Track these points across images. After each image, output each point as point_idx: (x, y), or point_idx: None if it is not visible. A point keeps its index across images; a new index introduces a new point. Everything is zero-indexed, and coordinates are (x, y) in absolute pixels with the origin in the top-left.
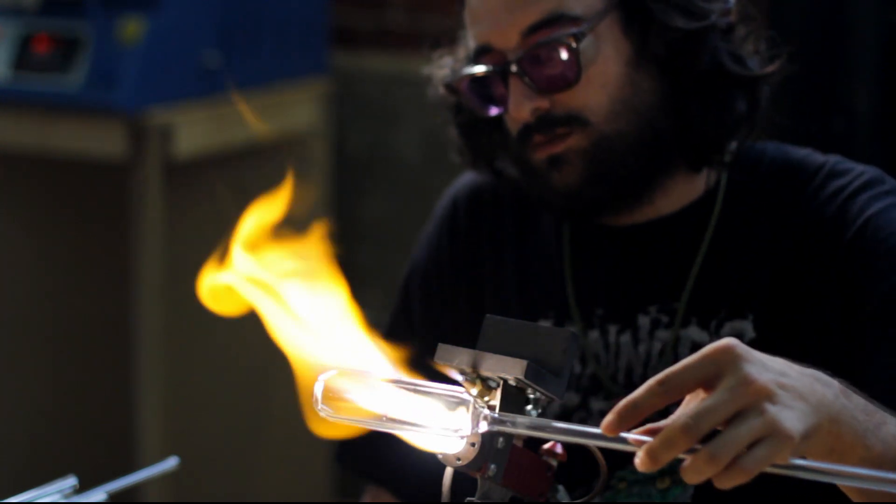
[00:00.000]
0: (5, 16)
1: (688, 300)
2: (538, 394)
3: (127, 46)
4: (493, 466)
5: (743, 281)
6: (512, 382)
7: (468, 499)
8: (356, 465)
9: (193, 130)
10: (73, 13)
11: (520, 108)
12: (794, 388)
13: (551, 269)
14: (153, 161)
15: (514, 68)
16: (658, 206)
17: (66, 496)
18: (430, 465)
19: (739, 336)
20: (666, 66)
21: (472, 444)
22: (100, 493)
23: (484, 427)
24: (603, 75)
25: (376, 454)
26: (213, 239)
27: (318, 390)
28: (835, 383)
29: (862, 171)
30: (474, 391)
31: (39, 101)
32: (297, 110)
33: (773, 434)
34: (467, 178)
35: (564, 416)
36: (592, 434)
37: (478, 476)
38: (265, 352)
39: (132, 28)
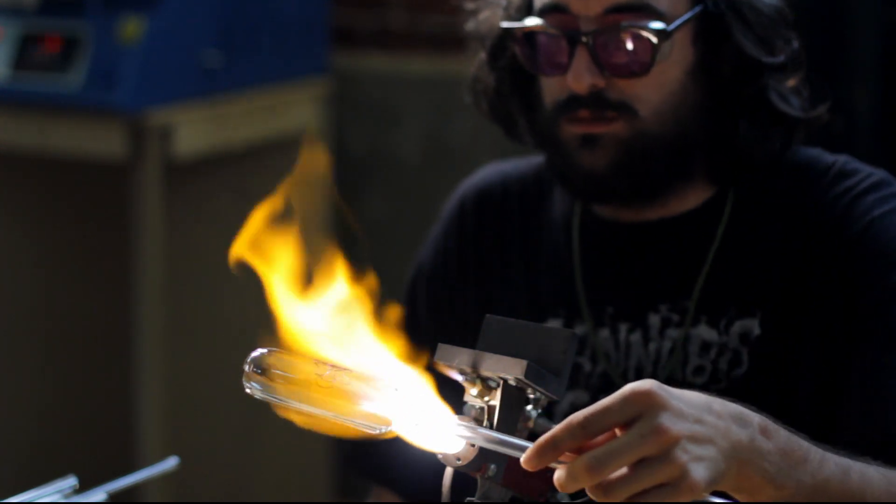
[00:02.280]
0: (5, 16)
1: (698, 299)
2: (538, 394)
3: (127, 46)
4: (493, 466)
5: (752, 279)
6: (512, 382)
7: (468, 499)
8: (364, 468)
9: (193, 130)
10: (73, 13)
11: (580, 78)
12: (705, 437)
13: (561, 267)
14: (153, 161)
15: (585, 39)
16: (670, 207)
17: (66, 496)
18: (435, 466)
19: (748, 334)
20: (719, 85)
21: (472, 444)
22: (100, 493)
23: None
24: (663, 75)
25: (383, 457)
26: (213, 239)
27: (251, 363)
28: (755, 422)
29: (871, 172)
30: (474, 391)
31: (39, 101)
32: (297, 110)
33: (678, 481)
34: (475, 179)
35: (575, 412)
36: (519, 445)
37: (478, 476)
38: None
39: (132, 28)
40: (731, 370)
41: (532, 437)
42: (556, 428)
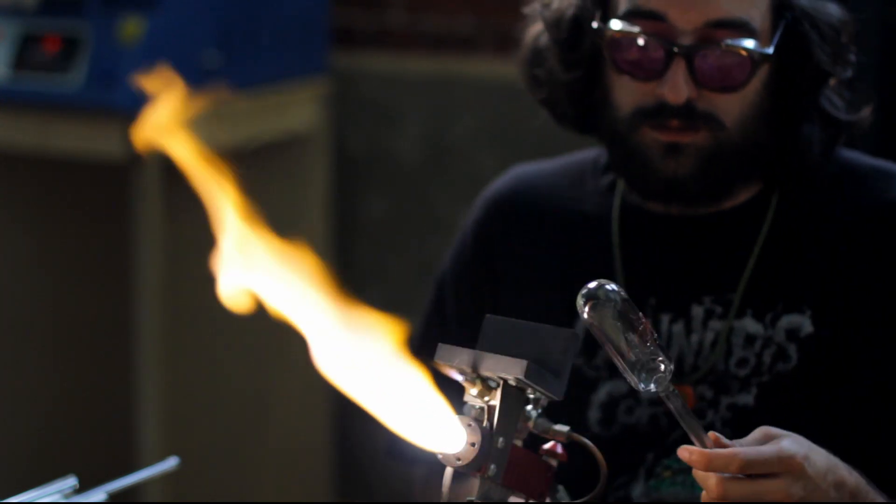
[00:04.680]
0: (5, 16)
1: (744, 292)
2: (538, 394)
3: (127, 46)
4: (493, 466)
5: (801, 276)
6: (512, 382)
7: (468, 499)
8: (407, 454)
9: (193, 130)
10: (73, 13)
11: (679, 91)
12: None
13: (599, 260)
14: (153, 161)
15: (683, 51)
16: (721, 202)
17: (66, 496)
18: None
19: (797, 331)
20: (789, 94)
21: (472, 444)
22: (100, 493)
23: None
24: (748, 89)
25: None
26: (212, 239)
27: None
28: (846, 496)
29: None
30: (474, 391)
31: (39, 101)
32: (297, 110)
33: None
34: (502, 183)
35: (613, 403)
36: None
37: (478, 476)
38: (265, 351)
39: (132, 28)
40: (774, 364)
41: (532, 437)
42: (721, 453)
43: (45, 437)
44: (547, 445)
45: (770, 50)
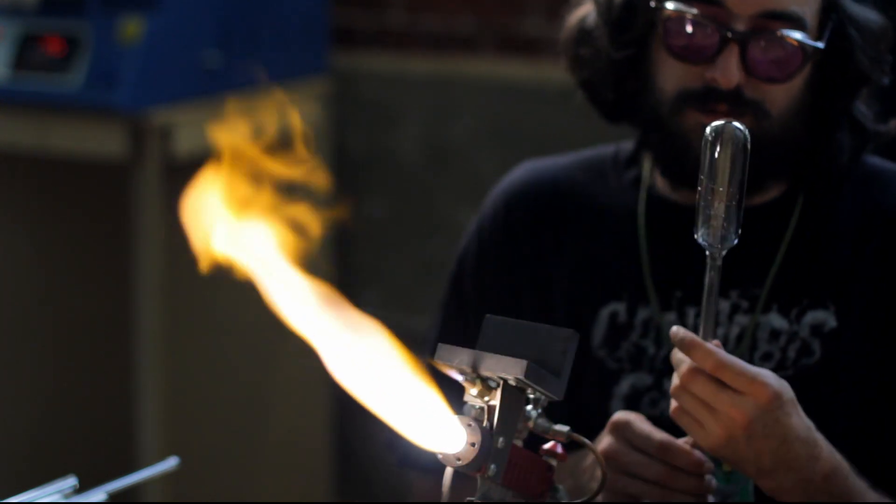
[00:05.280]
0: (5, 16)
1: (770, 287)
2: (538, 394)
3: (127, 46)
4: (493, 466)
5: (826, 273)
6: (512, 382)
7: (468, 498)
8: (419, 462)
9: (193, 130)
10: (73, 13)
11: (730, 75)
12: (762, 446)
13: (624, 252)
14: (153, 161)
15: (738, 37)
16: (752, 198)
17: (66, 496)
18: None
19: (821, 326)
20: (827, 95)
21: (472, 444)
22: (100, 493)
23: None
24: (795, 83)
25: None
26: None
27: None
28: (825, 468)
29: None
30: (474, 391)
31: (39, 101)
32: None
33: (708, 426)
34: (517, 176)
35: (636, 396)
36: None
37: (478, 476)
38: (265, 351)
39: (132, 28)
40: (798, 359)
41: (532, 437)
42: (704, 344)
43: (45, 436)
44: (547, 445)
45: (821, 45)
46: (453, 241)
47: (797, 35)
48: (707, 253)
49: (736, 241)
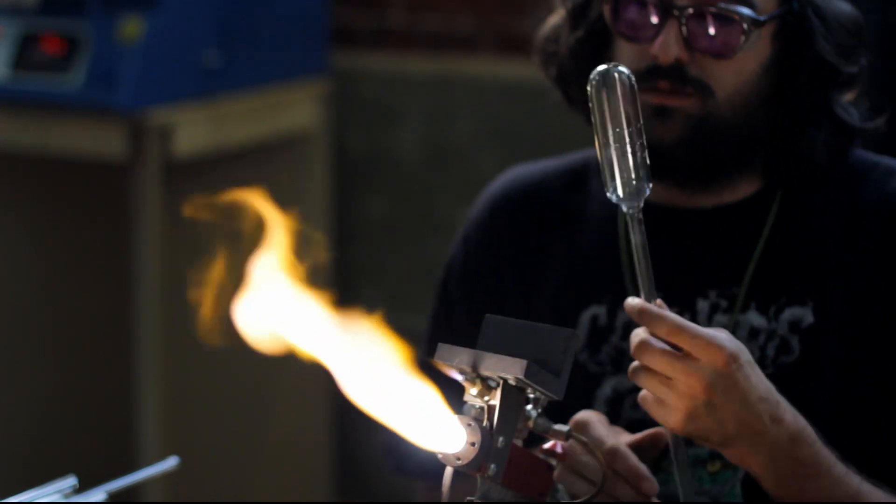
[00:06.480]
0: (5, 16)
1: (748, 285)
2: (538, 394)
3: (127, 46)
4: (493, 466)
5: (804, 269)
6: (512, 382)
7: (468, 498)
8: (413, 469)
9: (193, 130)
10: (73, 13)
11: (668, 49)
12: (725, 410)
13: (606, 255)
14: (153, 161)
15: (678, 12)
16: (723, 195)
17: (66, 496)
18: None
19: (799, 322)
20: (790, 85)
21: (472, 444)
22: (100, 493)
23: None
24: (743, 63)
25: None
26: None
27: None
28: (789, 429)
29: None
30: (474, 391)
31: (39, 101)
32: (297, 110)
33: (668, 401)
34: (506, 180)
35: (618, 399)
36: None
37: (478, 476)
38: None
39: (132, 28)
40: (778, 356)
41: (532, 437)
42: (654, 309)
43: (45, 436)
44: (547, 445)
45: (763, 18)
46: (452, 242)
47: (739, 9)
48: (625, 210)
49: (649, 191)
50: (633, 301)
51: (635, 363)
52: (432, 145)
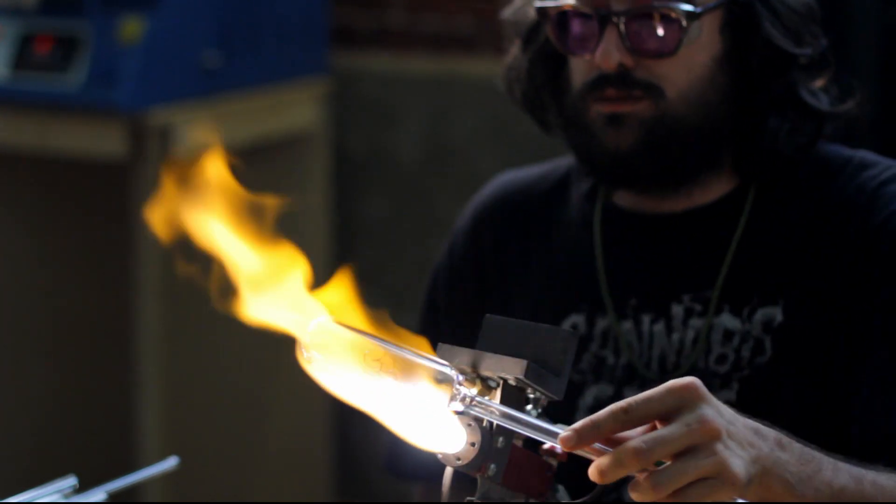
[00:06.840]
0: (5, 16)
1: (721, 288)
2: (538, 394)
3: (127, 46)
4: (493, 466)
5: (775, 268)
6: (512, 382)
7: (468, 498)
8: (407, 470)
9: (193, 130)
10: (73, 13)
11: (609, 56)
12: (739, 437)
13: (582, 263)
14: (153, 161)
15: (616, 19)
16: (693, 198)
17: (66, 496)
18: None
19: (770, 322)
20: (747, 77)
21: (472, 444)
22: (100, 493)
23: (458, 406)
24: (691, 59)
25: (420, 453)
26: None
27: (307, 336)
28: (771, 436)
29: (891, 163)
30: (474, 391)
31: (39, 101)
32: (297, 110)
33: (721, 475)
34: (492, 188)
35: (599, 407)
36: (553, 433)
37: (478, 476)
38: (265, 351)
39: (132, 28)
40: (753, 358)
41: (532, 437)
42: (600, 412)
43: (45, 436)
44: (547, 445)
45: (699, 9)
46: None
47: (673, 4)
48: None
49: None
50: (564, 435)
51: (633, 482)
52: (432, 145)
